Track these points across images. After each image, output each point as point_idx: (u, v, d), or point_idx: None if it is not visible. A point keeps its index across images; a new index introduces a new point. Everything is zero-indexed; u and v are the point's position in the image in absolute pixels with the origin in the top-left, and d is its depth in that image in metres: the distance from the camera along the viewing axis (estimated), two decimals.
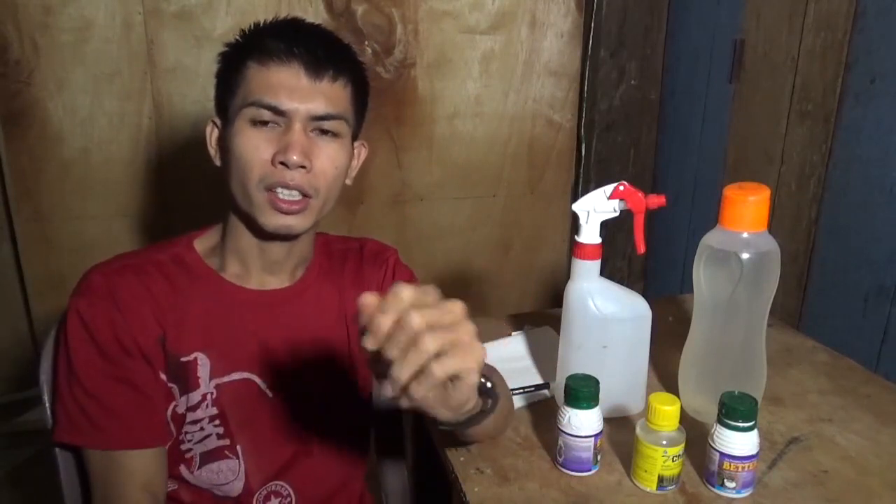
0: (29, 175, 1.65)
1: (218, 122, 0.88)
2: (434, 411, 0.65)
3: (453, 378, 0.61)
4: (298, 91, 0.81)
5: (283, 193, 0.81)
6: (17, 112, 1.60)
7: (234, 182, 0.84)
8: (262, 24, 0.86)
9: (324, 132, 0.84)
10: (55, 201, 1.68)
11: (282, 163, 0.80)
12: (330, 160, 0.84)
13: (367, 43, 1.74)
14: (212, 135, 0.89)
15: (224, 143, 0.86)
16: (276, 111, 0.81)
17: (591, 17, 1.86)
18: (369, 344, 0.58)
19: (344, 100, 0.85)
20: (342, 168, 0.86)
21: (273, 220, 0.83)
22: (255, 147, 0.81)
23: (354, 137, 0.90)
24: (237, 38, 0.87)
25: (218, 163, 0.88)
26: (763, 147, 1.54)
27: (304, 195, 0.82)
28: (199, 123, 1.68)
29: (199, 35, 1.65)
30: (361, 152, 0.94)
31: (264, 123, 0.81)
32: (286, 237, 0.87)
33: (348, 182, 0.90)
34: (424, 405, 0.63)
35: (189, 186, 1.72)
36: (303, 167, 0.81)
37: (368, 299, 0.59)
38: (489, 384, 0.73)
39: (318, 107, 0.82)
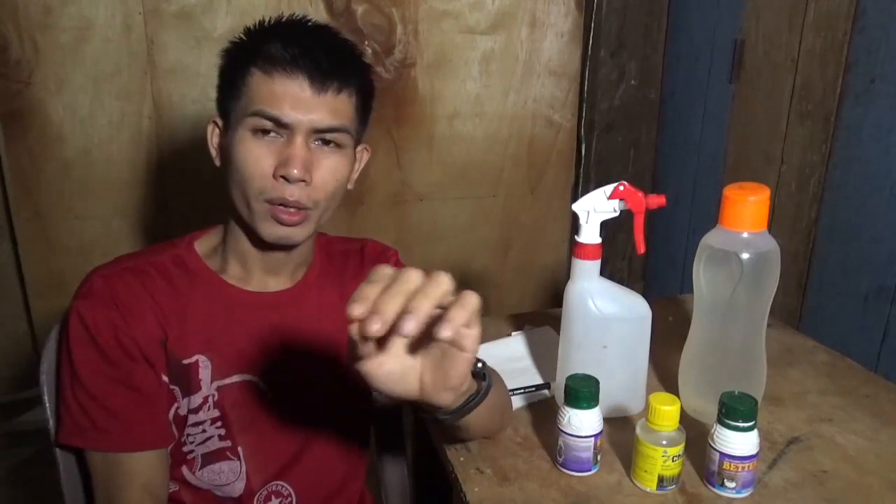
0: (29, 175, 1.65)
1: (220, 122, 0.87)
2: (437, 396, 0.65)
3: (454, 341, 0.60)
4: (302, 103, 0.80)
5: (283, 207, 0.81)
6: (17, 112, 1.60)
7: (235, 189, 0.84)
8: (267, 25, 0.85)
9: (325, 142, 0.83)
10: (55, 201, 1.68)
11: (283, 176, 0.80)
12: (331, 172, 0.83)
13: (367, 43, 1.74)
14: (213, 135, 0.88)
15: (225, 147, 0.85)
16: (278, 123, 0.80)
17: (591, 17, 1.86)
18: (356, 309, 0.55)
19: (348, 111, 0.84)
20: (343, 179, 0.86)
21: (273, 231, 0.83)
22: (256, 158, 0.81)
23: (358, 142, 0.89)
24: (241, 36, 0.86)
25: (219, 164, 0.88)
26: (763, 147, 1.54)
27: (304, 208, 0.82)
28: (199, 124, 1.68)
29: (199, 35, 1.65)
30: (364, 156, 0.93)
31: (266, 133, 0.81)
32: (286, 246, 0.88)
33: (350, 186, 0.90)
34: (428, 390, 0.64)
35: (189, 186, 1.72)
36: (303, 181, 0.81)
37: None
38: (479, 364, 0.72)
39: (321, 119, 0.81)
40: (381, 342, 0.60)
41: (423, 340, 0.62)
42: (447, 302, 0.57)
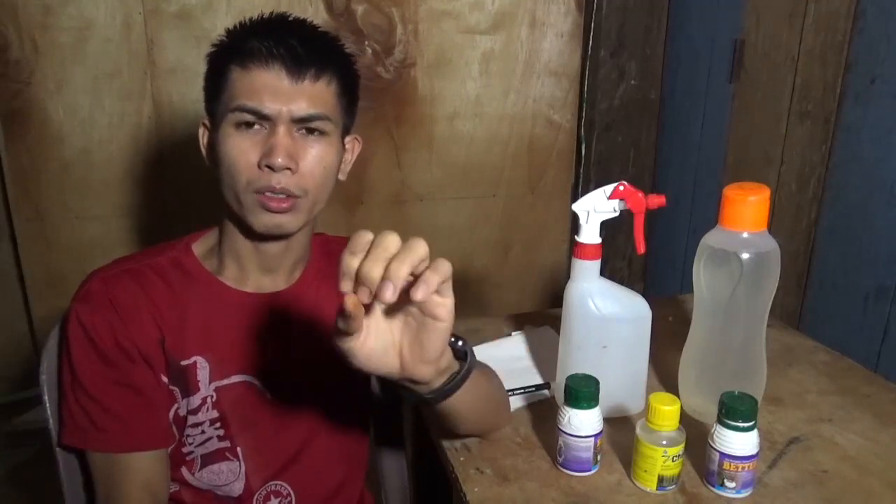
0: (29, 175, 1.65)
1: (208, 124, 0.88)
2: (417, 369, 0.67)
3: (429, 310, 0.63)
4: (280, 93, 0.80)
5: (271, 195, 0.81)
6: (17, 112, 1.61)
7: (225, 186, 0.84)
8: (246, 24, 0.85)
9: (310, 131, 0.83)
10: (55, 201, 1.68)
11: (267, 166, 0.80)
12: (317, 159, 0.83)
13: (367, 43, 1.74)
14: (203, 136, 0.89)
15: (213, 147, 0.85)
16: (259, 115, 0.80)
17: (591, 17, 1.86)
18: (346, 285, 0.60)
19: (328, 98, 0.84)
20: (331, 166, 0.85)
21: (263, 220, 0.83)
22: (241, 151, 0.81)
23: (346, 132, 0.89)
24: (222, 37, 0.87)
25: (209, 164, 0.88)
26: (763, 147, 1.54)
27: (292, 196, 0.82)
28: (198, 123, 1.68)
29: (199, 35, 1.65)
30: (355, 147, 0.93)
31: (249, 126, 0.81)
32: (279, 237, 0.87)
33: (342, 178, 0.90)
34: (408, 365, 0.66)
35: (189, 186, 1.72)
36: (288, 169, 0.81)
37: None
38: (460, 342, 0.74)
39: (301, 108, 0.81)
40: (366, 312, 0.64)
41: (402, 311, 0.65)
42: (422, 268, 0.60)
